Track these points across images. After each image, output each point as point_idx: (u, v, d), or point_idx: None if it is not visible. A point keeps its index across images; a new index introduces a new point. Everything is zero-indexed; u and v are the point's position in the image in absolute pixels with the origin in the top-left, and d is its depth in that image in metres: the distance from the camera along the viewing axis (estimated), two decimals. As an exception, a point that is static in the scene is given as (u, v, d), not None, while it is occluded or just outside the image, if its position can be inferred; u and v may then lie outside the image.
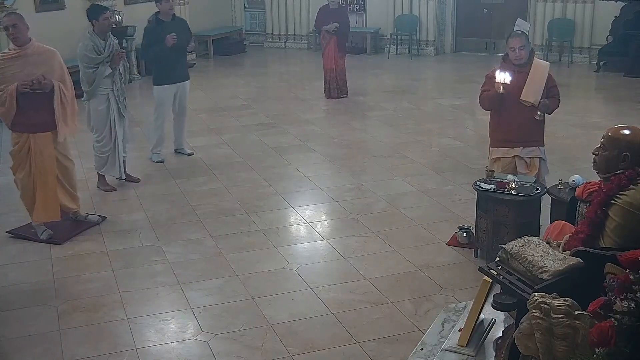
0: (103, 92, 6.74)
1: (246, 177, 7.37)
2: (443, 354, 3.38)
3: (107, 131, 6.86)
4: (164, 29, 7.54)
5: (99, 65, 6.60)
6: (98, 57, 6.60)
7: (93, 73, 6.62)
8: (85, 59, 6.63)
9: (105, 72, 6.63)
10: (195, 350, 4.30)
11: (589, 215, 3.39)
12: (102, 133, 6.86)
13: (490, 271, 3.21)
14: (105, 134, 6.86)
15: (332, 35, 10.59)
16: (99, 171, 7.03)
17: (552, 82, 5.72)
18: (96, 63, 6.60)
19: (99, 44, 6.60)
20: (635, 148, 3.33)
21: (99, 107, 6.77)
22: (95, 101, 6.75)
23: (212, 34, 15.04)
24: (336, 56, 10.72)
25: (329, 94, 10.89)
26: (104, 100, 6.76)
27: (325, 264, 5.44)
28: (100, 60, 6.60)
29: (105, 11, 6.70)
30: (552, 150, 7.26)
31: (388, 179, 7.28)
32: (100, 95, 6.74)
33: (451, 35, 14.86)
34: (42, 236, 5.85)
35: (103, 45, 6.61)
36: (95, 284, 5.14)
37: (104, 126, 6.83)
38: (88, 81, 6.68)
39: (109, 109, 6.79)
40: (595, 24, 13.24)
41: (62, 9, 11.42)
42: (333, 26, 10.50)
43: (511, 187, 5.20)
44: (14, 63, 5.60)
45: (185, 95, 7.99)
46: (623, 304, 2.36)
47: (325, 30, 10.61)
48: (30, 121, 5.68)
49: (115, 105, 6.81)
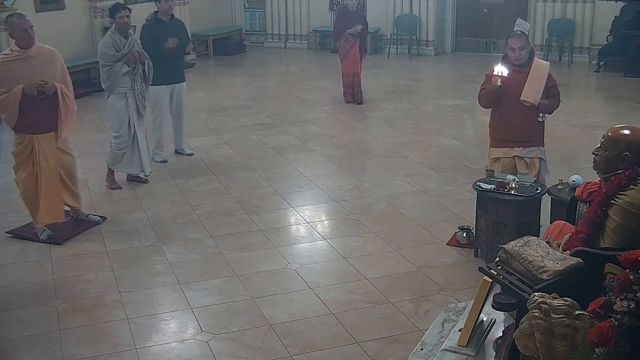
0: (121, 90, 6.78)
1: (246, 177, 7.37)
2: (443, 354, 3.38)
3: (126, 129, 6.90)
4: (162, 29, 7.52)
5: (116, 62, 6.64)
6: (116, 54, 6.64)
7: (109, 70, 6.68)
8: (103, 56, 6.71)
9: (122, 70, 6.66)
10: (195, 350, 4.30)
11: (589, 215, 3.39)
12: (120, 130, 6.89)
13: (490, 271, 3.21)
14: (123, 131, 6.89)
15: (356, 38, 10.25)
16: (112, 167, 7.06)
17: (552, 82, 5.71)
18: (113, 60, 6.65)
19: (119, 42, 6.65)
20: (635, 148, 3.33)
21: (117, 104, 6.83)
22: (114, 98, 6.83)
23: (212, 34, 15.04)
24: (360, 60, 10.43)
25: (351, 98, 10.51)
26: (122, 98, 6.81)
27: (325, 264, 5.44)
28: (117, 57, 6.64)
29: (120, 10, 6.76)
30: (552, 150, 7.26)
31: (388, 179, 7.28)
32: (119, 93, 6.79)
33: (451, 35, 14.86)
34: (42, 236, 5.85)
35: (124, 43, 6.66)
36: (95, 284, 5.14)
37: (122, 123, 6.87)
38: (106, 78, 6.74)
39: (127, 107, 6.82)
40: (595, 24, 13.23)
41: (62, 9, 11.40)
42: (359, 28, 10.16)
43: (511, 187, 5.21)
44: (18, 65, 5.56)
45: (181, 97, 7.97)
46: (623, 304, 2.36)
47: (350, 33, 10.20)
48: (33, 123, 5.67)
49: (134, 104, 6.84)
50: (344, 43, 10.37)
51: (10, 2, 10.33)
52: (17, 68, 5.55)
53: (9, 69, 5.55)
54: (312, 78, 12.68)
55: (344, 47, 10.38)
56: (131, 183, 7.15)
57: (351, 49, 10.33)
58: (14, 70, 5.55)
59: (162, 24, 7.67)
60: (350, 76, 10.47)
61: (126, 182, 7.18)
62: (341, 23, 10.39)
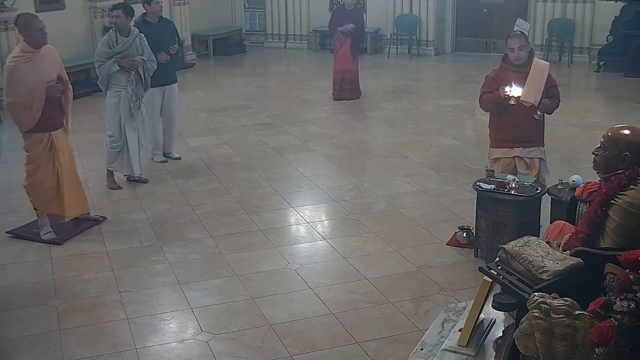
0: (116, 89, 6.83)
1: (246, 177, 7.37)
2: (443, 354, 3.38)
3: (117, 127, 6.93)
4: (150, 32, 7.36)
5: (107, 59, 6.70)
6: (108, 51, 6.72)
7: (100, 66, 6.77)
8: (97, 52, 6.86)
9: (112, 68, 6.71)
10: (195, 350, 4.30)
11: (589, 215, 3.39)
12: (113, 128, 6.95)
13: (490, 271, 3.21)
14: (115, 130, 6.94)
15: (347, 36, 10.37)
16: (109, 167, 7.08)
17: (552, 82, 5.71)
18: (105, 57, 6.72)
19: (115, 40, 6.73)
20: (635, 148, 3.33)
21: (111, 102, 6.89)
22: (108, 95, 6.89)
23: (212, 34, 15.03)
24: (351, 58, 10.51)
25: (339, 95, 10.63)
26: (115, 96, 6.86)
27: (325, 264, 5.44)
28: (109, 54, 6.70)
29: (113, 9, 6.90)
30: (552, 150, 7.26)
31: (388, 179, 7.28)
32: (112, 91, 6.85)
33: (451, 35, 14.86)
34: (45, 237, 5.84)
35: (120, 41, 6.73)
36: (95, 284, 5.14)
37: (114, 122, 6.92)
38: (99, 73, 6.84)
39: (119, 105, 6.84)
40: (595, 24, 13.23)
41: (62, 9, 11.40)
42: (349, 27, 10.29)
43: (511, 187, 5.21)
44: (32, 65, 5.56)
45: (172, 98, 7.88)
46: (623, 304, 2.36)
47: (341, 31, 10.36)
48: (51, 120, 5.73)
49: (127, 104, 6.84)
50: (335, 41, 10.69)
51: (10, 2, 10.34)
52: (32, 69, 5.54)
53: (26, 70, 5.53)
54: (312, 78, 12.68)
55: (336, 44, 10.71)
56: (131, 183, 7.15)
57: (341, 46, 10.52)
58: (31, 71, 5.54)
59: (150, 26, 7.55)
60: (339, 73, 10.62)
61: (126, 182, 7.17)
62: (336, 21, 10.56)
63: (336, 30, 10.44)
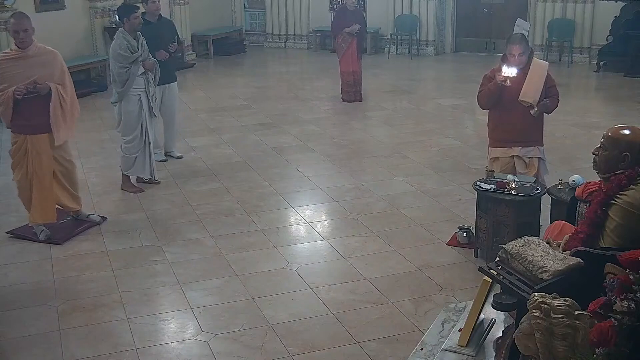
0: (135, 93, 6.73)
1: (246, 177, 7.37)
2: (443, 354, 3.38)
3: (139, 132, 6.85)
4: (149, 31, 7.35)
5: (132, 64, 6.61)
6: (132, 55, 6.61)
7: (126, 72, 6.62)
8: (119, 58, 6.62)
9: (138, 71, 6.64)
10: (195, 350, 4.30)
11: (589, 215, 3.39)
12: (133, 134, 6.83)
13: (490, 271, 3.21)
14: (136, 135, 6.84)
15: (353, 37, 10.28)
16: (126, 173, 7.00)
17: (551, 82, 5.70)
18: (129, 62, 6.61)
19: (132, 43, 6.63)
20: (635, 148, 3.33)
21: (131, 109, 6.76)
22: (126, 103, 6.74)
23: (212, 34, 15.04)
24: (357, 58, 10.45)
25: (349, 97, 10.53)
26: (135, 102, 6.75)
27: (325, 264, 5.44)
28: (132, 59, 6.61)
29: (136, 10, 6.73)
30: (552, 150, 7.26)
31: (388, 179, 7.28)
32: (131, 97, 6.73)
33: (451, 35, 14.86)
34: (41, 237, 5.85)
35: (136, 45, 6.64)
36: (95, 284, 5.14)
37: (136, 127, 6.82)
38: (121, 81, 6.66)
39: (141, 109, 6.80)
40: (595, 24, 13.23)
41: (62, 9, 11.40)
42: (356, 27, 10.19)
43: (511, 187, 5.20)
44: (15, 64, 5.57)
45: (172, 97, 7.88)
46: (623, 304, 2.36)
47: (347, 33, 10.24)
48: (27, 122, 5.66)
49: (147, 105, 6.82)
50: (341, 42, 10.43)
51: (10, 2, 10.34)
52: (14, 67, 5.56)
53: (7, 67, 5.56)
54: (312, 78, 12.68)
55: (342, 46, 10.44)
56: (138, 184, 7.12)
57: (349, 48, 10.37)
58: (11, 68, 5.56)
59: (149, 25, 7.52)
60: (350, 74, 10.49)
61: (135, 182, 7.14)
62: (339, 22, 10.44)
63: (341, 31, 10.29)
